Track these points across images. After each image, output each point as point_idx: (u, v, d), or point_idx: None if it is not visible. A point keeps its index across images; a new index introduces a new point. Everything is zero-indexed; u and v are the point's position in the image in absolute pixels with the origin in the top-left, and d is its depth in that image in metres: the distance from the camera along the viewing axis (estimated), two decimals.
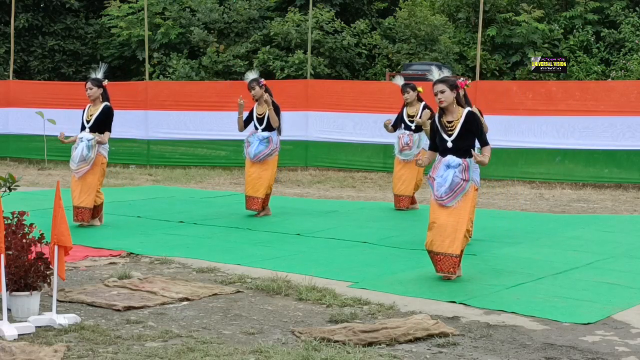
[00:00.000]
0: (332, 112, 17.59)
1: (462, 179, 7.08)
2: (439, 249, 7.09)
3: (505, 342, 5.41)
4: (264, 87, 10.78)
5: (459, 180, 7.07)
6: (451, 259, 7.05)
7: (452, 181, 7.06)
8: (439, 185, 7.12)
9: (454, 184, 7.06)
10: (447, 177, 7.07)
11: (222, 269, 7.64)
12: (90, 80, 10.03)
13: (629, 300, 6.57)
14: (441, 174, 7.13)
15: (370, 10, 25.30)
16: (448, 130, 7.15)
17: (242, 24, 24.10)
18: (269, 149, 10.68)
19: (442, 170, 7.13)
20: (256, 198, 10.69)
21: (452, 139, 7.12)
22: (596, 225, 10.61)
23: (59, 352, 4.95)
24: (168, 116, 18.60)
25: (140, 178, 16.57)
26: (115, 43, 25.24)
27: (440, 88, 7.16)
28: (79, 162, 9.76)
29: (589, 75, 22.40)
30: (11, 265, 5.62)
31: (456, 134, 7.11)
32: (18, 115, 19.52)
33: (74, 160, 9.83)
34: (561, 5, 24.96)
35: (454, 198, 7.08)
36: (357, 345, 5.23)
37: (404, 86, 11.51)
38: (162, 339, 5.33)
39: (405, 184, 11.54)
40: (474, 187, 7.25)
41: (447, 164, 7.12)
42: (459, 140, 7.12)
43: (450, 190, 7.07)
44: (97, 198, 9.87)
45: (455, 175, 7.06)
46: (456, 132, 7.12)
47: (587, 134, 15.53)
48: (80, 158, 9.75)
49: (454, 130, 7.12)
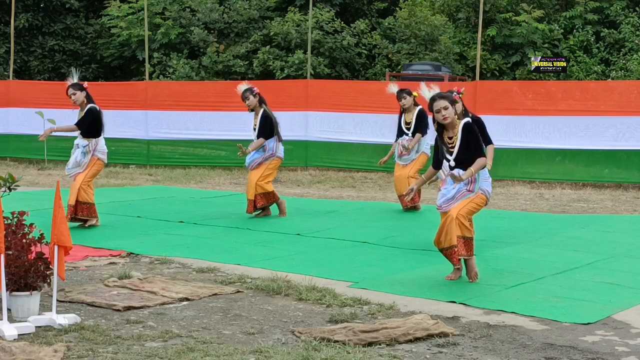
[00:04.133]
0: (332, 112, 17.59)
1: (467, 190, 7.08)
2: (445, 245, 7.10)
3: (505, 342, 5.41)
4: (257, 95, 10.78)
5: (463, 190, 7.08)
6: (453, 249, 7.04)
7: (456, 191, 7.06)
8: (442, 195, 7.15)
9: (458, 193, 7.07)
10: (451, 190, 7.08)
11: (222, 269, 7.64)
12: (71, 87, 9.89)
13: (629, 300, 6.57)
14: (446, 186, 7.15)
15: (370, 10, 25.30)
16: (450, 148, 7.11)
17: (242, 24, 24.10)
18: (262, 157, 10.76)
19: (449, 184, 7.13)
20: (249, 200, 10.82)
21: (454, 157, 7.08)
22: (596, 225, 10.61)
23: (59, 352, 4.95)
24: (168, 116, 18.60)
25: (140, 178, 16.57)
26: (115, 43, 25.24)
27: (443, 104, 7.03)
28: (72, 167, 9.88)
29: (589, 75, 22.40)
30: (11, 265, 5.62)
31: (456, 151, 7.07)
32: (18, 115, 19.52)
33: (68, 166, 9.98)
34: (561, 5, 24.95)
35: (453, 204, 7.08)
36: (357, 345, 5.23)
37: (399, 92, 11.45)
38: (162, 339, 5.34)
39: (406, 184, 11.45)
40: (481, 195, 7.15)
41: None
42: (460, 154, 7.06)
43: (451, 199, 7.07)
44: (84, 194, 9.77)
45: (460, 187, 7.07)
46: (456, 149, 7.08)
47: (587, 134, 15.53)
48: (74, 164, 9.86)
49: (454, 147, 7.09)
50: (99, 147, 9.92)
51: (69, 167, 9.94)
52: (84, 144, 9.85)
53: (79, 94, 9.84)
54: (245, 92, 10.80)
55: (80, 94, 9.85)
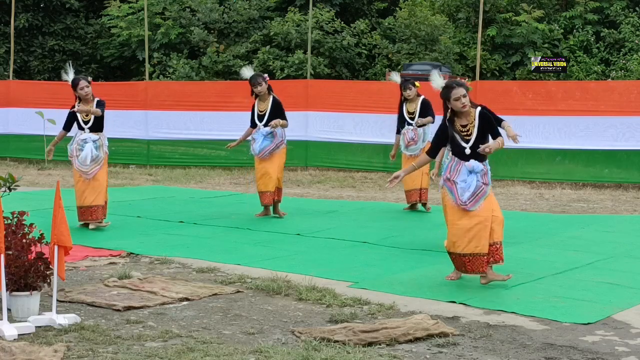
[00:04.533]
0: (332, 112, 17.59)
1: (483, 183, 6.99)
2: (464, 251, 6.97)
3: (505, 342, 5.41)
4: (267, 82, 10.72)
5: (481, 185, 6.98)
6: (480, 258, 6.92)
7: (475, 186, 6.96)
8: (463, 190, 6.97)
9: (477, 188, 6.96)
10: (471, 183, 6.95)
11: (222, 269, 7.64)
12: (83, 79, 9.85)
13: (629, 300, 6.57)
14: (464, 178, 6.98)
15: (370, 10, 25.31)
16: (464, 136, 7.01)
17: (242, 24, 24.11)
18: (273, 144, 10.64)
19: (464, 175, 6.98)
20: (267, 192, 10.67)
21: (471, 145, 6.98)
22: (596, 225, 10.61)
23: (59, 352, 4.95)
24: (168, 116, 18.60)
25: (140, 178, 16.57)
26: (115, 43, 25.25)
27: (462, 92, 6.94)
28: (90, 163, 9.74)
29: (589, 75, 22.40)
30: (11, 265, 5.62)
31: (474, 138, 6.96)
32: (18, 115, 19.51)
33: (84, 163, 9.73)
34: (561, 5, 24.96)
35: (477, 202, 6.95)
36: (357, 345, 5.23)
37: (404, 82, 11.40)
38: (162, 339, 5.33)
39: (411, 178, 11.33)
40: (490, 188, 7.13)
41: (471, 169, 6.97)
42: (477, 142, 6.96)
43: (473, 195, 6.96)
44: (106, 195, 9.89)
45: (477, 180, 6.97)
46: (474, 136, 6.96)
47: (587, 134, 15.52)
48: (91, 159, 9.73)
49: (471, 135, 6.98)
50: (106, 141, 9.92)
51: (88, 163, 9.71)
52: (94, 138, 9.79)
53: (90, 88, 9.85)
54: (258, 78, 10.67)
55: (91, 89, 9.87)
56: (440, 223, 10.69)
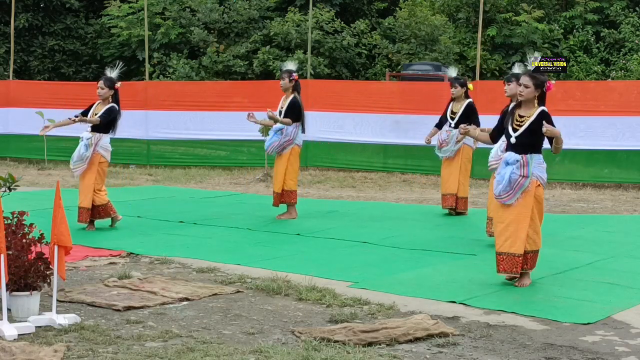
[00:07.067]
0: (332, 112, 17.57)
1: (521, 175, 6.90)
2: (500, 249, 6.95)
3: (505, 342, 5.41)
4: (294, 81, 10.53)
5: (517, 177, 6.89)
6: (513, 258, 6.89)
7: (509, 178, 6.90)
8: (497, 183, 6.99)
9: (512, 180, 6.90)
10: (504, 175, 6.93)
11: (222, 269, 7.64)
12: (103, 80, 9.85)
13: (629, 300, 6.58)
14: (499, 171, 7.04)
15: (370, 10, 25.30)
16: (516, 125, 7.01)
17: (242, 24, 24.10)
18: (280, 141, 10.48)
19: (501, 168, 7.04)
20: (275, 193, 10.63)
21: (517, 135, 6.98)
22: (596, 225, 10.61)
23: (59, 352, 4.95)
24: (168, 116, 18.59)
25: (140, 178, 16.57)
26: (115, 43, 25.24)
27: (525, 81, 7.03)
28: (76, 160, 9.78)
29: (589, 75, 22.40)
30: (11, 265, 5.62)
31: (522, 131, 6.97)
32: (18, 115, 19.50)
33: (72, 159, 9.86)
34: (561, 5, 24.96)
35: (514, 195, 6.91)
36: (357, 345, 5.23)
37: (453, 80, 11.11)
38: (162, 339, 5.33)
39: (448, 182, 11.10)
40: (537, 183, 6.98)
41: (506, 161, 6.99)
42: (523, 136, 6.96)
43: (509, 188, 6.91)
44: (98, 197, 9.79)
45: (512, 172, 6.90)
46: (523, 128, 6.97)
47: (587, 134, 15.51)
48: (77, 157, 9.76)
49: (522, 125, 6.98)
50: (102, 142, 9.75)
51: (74, 160, 9.78)
52: (87, 136, 9.80)
53: (106, 90, 9.78)
54: (284, 73, 10.57)
55: (107, 91, 9.77)
56: (441, 223, 10.74)
